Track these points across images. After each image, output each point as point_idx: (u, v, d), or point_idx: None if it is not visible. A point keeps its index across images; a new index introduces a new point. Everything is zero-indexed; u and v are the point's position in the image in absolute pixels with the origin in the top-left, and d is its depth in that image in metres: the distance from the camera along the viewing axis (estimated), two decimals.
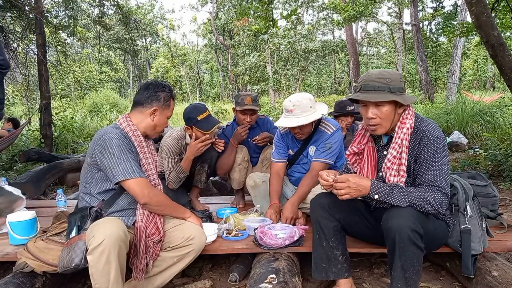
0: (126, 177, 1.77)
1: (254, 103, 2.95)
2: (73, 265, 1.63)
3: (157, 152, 2.57)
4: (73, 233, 1.74)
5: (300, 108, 2.35)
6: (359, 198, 1.69)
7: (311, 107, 2.38)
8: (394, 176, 1.75)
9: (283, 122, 2.42)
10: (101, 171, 1.85)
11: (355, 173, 1.96)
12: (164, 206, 1.94)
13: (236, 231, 2.31)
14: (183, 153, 2.85)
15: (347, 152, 1.97)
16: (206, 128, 2.64)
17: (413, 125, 1.74)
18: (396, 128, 1.76)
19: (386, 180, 1.78)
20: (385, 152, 1.83)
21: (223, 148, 2.93)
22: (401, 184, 1.72)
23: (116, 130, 1.89)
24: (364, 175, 1.89)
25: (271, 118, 3.41)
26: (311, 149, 2.59)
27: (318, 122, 2.58)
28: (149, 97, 1.98)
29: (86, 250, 1.63)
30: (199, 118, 2.65)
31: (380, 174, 1.84)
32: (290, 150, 2.71)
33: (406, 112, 1.76)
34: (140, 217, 1.87)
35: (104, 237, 1.56)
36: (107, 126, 2.02)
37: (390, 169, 1.76)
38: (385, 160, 1.78)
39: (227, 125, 3.25)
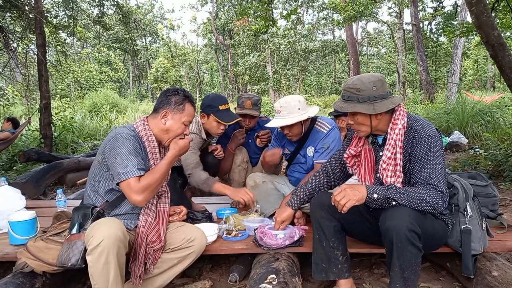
0: (124, 178, 1.73)
1: (254, 107, 2.92)
2: (69, 264, 1.64)
3: None
4: (74, 230, 1.74)
5: (287, 110, 2.41)
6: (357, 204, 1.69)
7: (299, 108, 2.42)
8: (391, 177, 1.76)
9: (271, 123, 2.51)
10: (110, 171, 1.84)
11: (354, 175, 1.99)
12: (158, 184, 1.82)
13: (236, 231, 2.30)
14: (201, 148, 2.80)
15: (345, 155, 1.98)
16: (226, 120, 2.61)
17: (405, 125, 1.75)
18: (389, 129, 1.77)
19: (383, 181, 1.79)
20: (381, 153, 1.84)
21: (223, 155, 2.91)
22: (398, 185, 1.74)
23: (130, 132, 1.86)
24: (362, 177, 1.91)
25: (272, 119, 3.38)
26: (309, 150, 2.59)
27: (313, 123, 2.58)
28: (161, 102, 1.97)
29: (85, 250, 1.63)
30: (220, 108, 2.63)
31: (378, 175, 1.84)
32: (286, 149, 2.71)
33: (397, 113, 1.77)
34: (143, 223, 1.87)
35: (103, 238, 1.56)
36: (124, 125, 2.00)
37: (386, 170, 1.77)
38: (381, 162, 1.80)
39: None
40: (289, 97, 2.49)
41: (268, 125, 2.53)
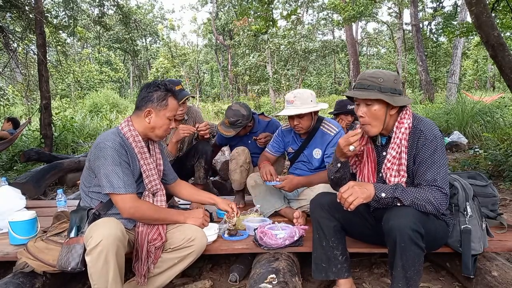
0: (110, 191, 1.76)
1: (232, 127, 2.92)
2: (69, 268, 1.64)
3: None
4: (72, 234, 1.75)
5: (300, 100, 2.46)
6: (364, 202, 1.68)
7: (311, 100, 2.49)
8: (395, 176, 1.75)
9: (283, 112, 2.52)
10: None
11: (355, 174, 1.97)
12: (150, 220, 1.87)
13: (236, 231, 2.31)
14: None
15: None
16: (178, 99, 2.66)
17: (411, 125, 1.75)
18: (394, 128, 1.76)
19: (387, 181, 1.78)
20: (384, 153, 1.83)
21: (208, 134, 2.92)
22: (403, 184, 1.73)
23: (114, 137, 1.83)
24: (365, 177, 1.89)
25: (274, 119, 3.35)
26: (316, 152, 2.60)
27: (319, 123, 2.60)
28: (143, 99, 1.92)
29: (84, 251, 1.64)
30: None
31: (381, 175, 1.84)
32: (290, 148, 2.73)
33: (404, 112, 1.77)
34: (141, 222, 1.87)
35: (102, 238, 1.57)
36: (110, 129, 1.97)
37: (390, 169, 1.76)
38: (385, 161, 1.78)
39: None
40: (302, 89, 2.56)
41: (281, 113, 2.56)
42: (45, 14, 7.21)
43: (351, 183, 1.68)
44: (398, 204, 1.66)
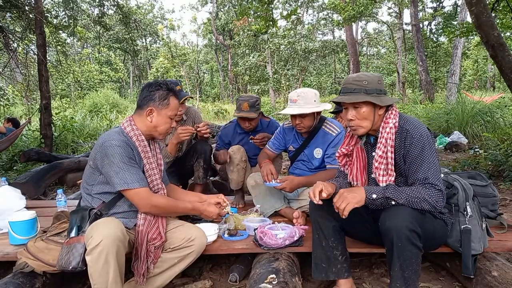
0: (125, 187, 1.77)
1: (252, 109, 2.91)
2: (70, 267, 1.64)
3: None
4: (73, 233, 1.74)
5: (304, 99, 2.44)
6: (357, 206, 1.69)
7: (315, 101, 2.47)
8: (383, 175, 1.77)
9: (286, 110, 2.49)
10: (103, 175, 1.84)
11: (346, 174, 1.99)
12: (168, 212, 1.92)
13: (236, 231, 2.31)
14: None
15: (337, 154, 1.99)
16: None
17: (397, 124, 1.76)
18: (380, 128, 1.79)
19: (377, 181, 1.79)
20: (373, 153, 1.84)
21: (208, 133, 2.92)
22: (392, 184, 1.75)
23: (119, 137, 1.84)
24: (354, 176, 1.92)
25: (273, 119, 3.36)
26: (317, 152, 2.60)
27: (321, 122, 2.59)
28: (144, 98, 1.93)
29: (85, 251, 1.64)
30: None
31: (372, 175, 1.85)
32: (291, 146, 2.73)
33: (389, 112, 1.79)
34: (142, 221, 1.86)
35: (102, 238, 1.57)
36: (112, 129, 1.97)
37: (378, 169, 1.78)
38: (373, 161, 1.81)
39: (230, 122, 3.25)
40: (306, 89, 2.53)
41: (283, 112, 2.53)
42: (45, 14, 7.20)
43: (341, 191, 1.71)
44: (393, 203, 1.67)
